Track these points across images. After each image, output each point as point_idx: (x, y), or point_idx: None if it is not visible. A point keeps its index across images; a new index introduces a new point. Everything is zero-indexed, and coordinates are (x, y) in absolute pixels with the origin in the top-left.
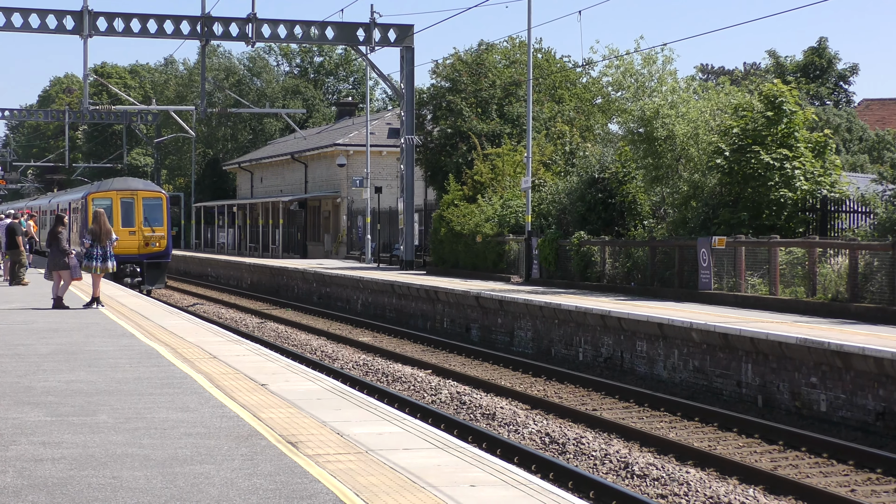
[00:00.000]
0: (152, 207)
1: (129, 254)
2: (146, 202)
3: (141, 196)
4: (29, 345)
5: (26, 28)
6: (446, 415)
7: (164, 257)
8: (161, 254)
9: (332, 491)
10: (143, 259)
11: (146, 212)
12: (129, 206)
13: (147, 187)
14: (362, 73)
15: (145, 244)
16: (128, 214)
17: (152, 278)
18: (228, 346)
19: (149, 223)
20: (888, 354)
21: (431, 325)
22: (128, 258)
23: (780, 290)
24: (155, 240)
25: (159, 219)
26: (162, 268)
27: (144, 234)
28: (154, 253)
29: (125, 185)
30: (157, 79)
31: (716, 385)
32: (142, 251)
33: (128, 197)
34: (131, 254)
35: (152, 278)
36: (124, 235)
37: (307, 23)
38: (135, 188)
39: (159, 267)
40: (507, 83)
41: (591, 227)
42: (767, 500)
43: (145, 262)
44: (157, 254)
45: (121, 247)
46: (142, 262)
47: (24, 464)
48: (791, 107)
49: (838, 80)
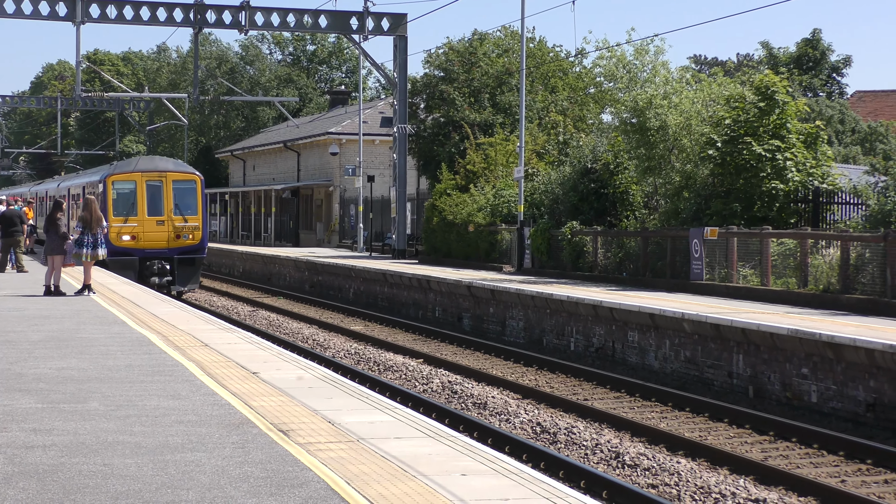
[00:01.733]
0: (184, 192)
1: (157, 248)
2: (177, 185)
3: (171, 178)
4: (20, 332)
5: (19, 14)
6: (438, 404)
7: (199, 252)
8: (195, 248)
9: (323, 479)
10: (173, 255)
11: (177, 197)
12: (157, 191)
13: (178, 168)
14: (355, 61)
15: (176, 236)
16: (155, 200)
17: (184, 278)
18: (220, 335)
19: (180, 211)
20: (879, 346)
21: (423, 314)
22: (154, 253)
23: (771, 281)
24: (187, 231)
25: (192, 205)
26: (196, 265)
27: (175, 224)
28: (187, 247)
29: (152, 165)
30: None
31: (707, 375)
32: (172, 245)
33: (155, 179)
34: (159, 248)
35: (184, 278)
36: (150, 226)
37: (300, 11)
38: (164, 169)
39: (193, 264)
40: (499, 72)
41: (583, 217)
42: (758, 489)
43: (176, 258)
44: (190, 248)
45: (146, 240)
46: (172, 259)
47: (14, 451)
48: (783, 97)
49: (831, 72)
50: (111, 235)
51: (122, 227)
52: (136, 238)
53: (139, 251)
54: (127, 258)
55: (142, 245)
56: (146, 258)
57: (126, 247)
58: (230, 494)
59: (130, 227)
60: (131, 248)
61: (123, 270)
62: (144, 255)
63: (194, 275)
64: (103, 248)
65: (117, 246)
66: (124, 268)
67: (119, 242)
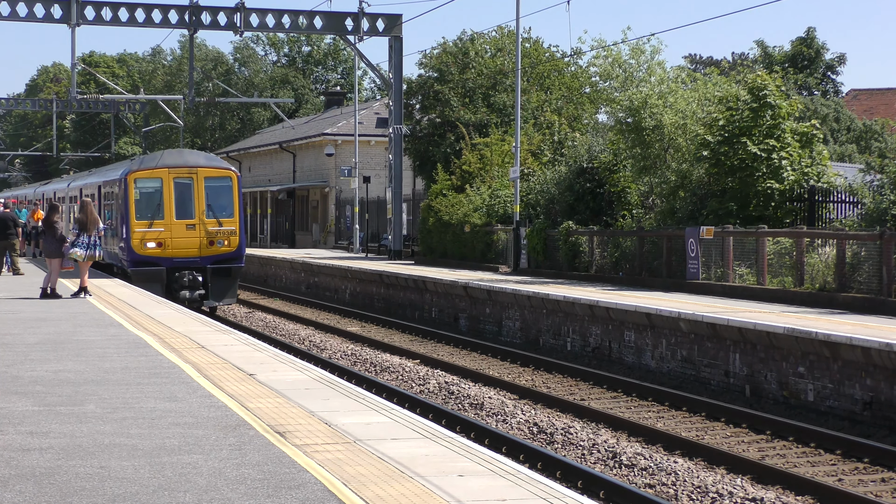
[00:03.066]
0: (218, 190)
1: (187, 256)
2: (210, 183)
3: (202, 175)
4: (16, 334)
5: (14, 17)
6: (434, 405)
7: (236, 260)
8: (231, 256)
9: (321, 481)
10: (205, 264)
11: (210, 196)
12: (186, 190)
13: (211, 162)
14: (351, 62)
15: (209, 242)
16: (184, 201)
17: (219, 291)
18: (216, 336)
19: (214, 213)
20: (876, 344)
21: (420, 314)
22: (184, 263)
23: (767, 280)
24: (222, 236)
25: (228, 206)
26: (233, 276)
27: (208, 228)
28: (222, 255)
29: (180, 159)
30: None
31: (704, 375)
32: (205, 252)
33: (184, 176)
34: (189, 256)
35: (219, 291)
36: (179, 231)
37: (295, 12)
38: (194, 164)
39: (229, 275)
40: (494, 72)
41: (579, 216)
42: (755, 489)
43: (209, 268)
44: (226, 256)
45: (175, 247)
46: (204, 269)
47: (11, 453)
48: (776, 98)
49: (826, 71)
50: (134, 243)
51: (147, 232)
52: (163, 245)
53: (166, 260)
54: (152, 269)
55: (169, 253)
56: (175, 268)
57: (151, 255)
58: (227, 496)
59: (156, 233)
60: (157, 256)
61: (148, 283)
62: (172, 264)
63: (231, 288)
64: (99, 249)
65: (141, 255)
66: (149, 280)
67: (143, 250)
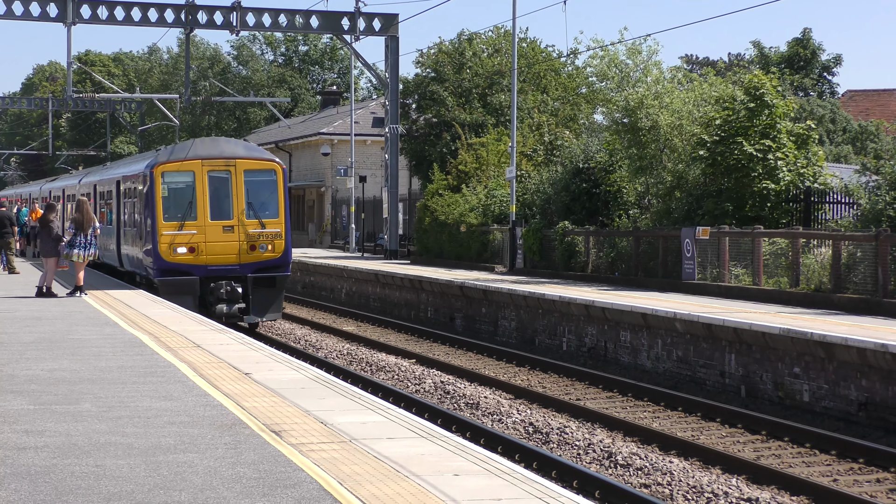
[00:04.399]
0: (260, 186)
1: (224, 264)
2: (251, 177)
3: (242, 168)
4: (11, 333)
5: (9, 15)
6: (430, 404)
7: (281, 268)
8: (276, 263)
9: (316, 479)
10: (245, 273)
11: (251, 193)
12: (223, 185)
13: (251, 153)
14: (347, 62)
15: (250, 247)
16: (220, 198)
17: (262, 304)
18: (212, 335)
19: (255, 212)
20: (871, 345)
21: (415, 314)
22: (221, 271)
23: (763, 280)
24: (265, 239)
25: (272, 204)
26: (278, 287)
27: (248, 230)
28: (265, 262)
29: (216, 149)
30: (141, 67)
31: (699, 375)
32: (245, 259)
33: (220, 169)
34: (227, 264)
35: (262, 304)
36: (215, 234)
37: (292, 11)
38: (232, 155)
39: (273, 285)
40: (490, 73)
41: (575, 216)
42: (750, 489)
43: (250, 277)
44: (270, 263)
45: (210, 252)
46: (244, 279)
47: (6, 452)
48: (772, 98)
49: (822, 71)
50: (161, 248)
51: (176, 235)
52: (196, 251)
53: (199, 268)
54: (183, 279)
55: (203, 260)
56: (210, 278)
57: (181, 263)
58: (223, 495)
59: (187, 236)
60: (188, 264)
61: (178, 295)
62: (207, 273)
63: (275, 300)
64: (95, 249)
65: (169, 262)
66: (179, 292)
67: (172, 257)
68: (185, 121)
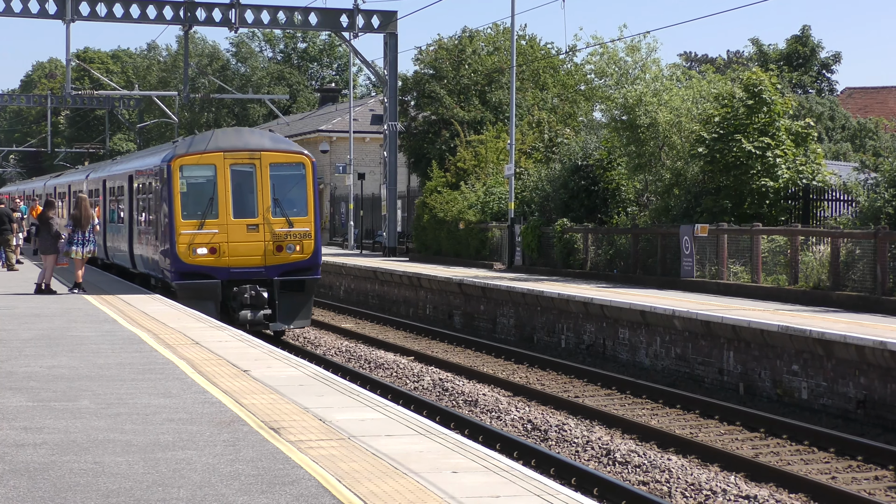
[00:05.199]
0: (288, 180)
1: (248, 266)
2: (277, 172)
3: (268, 160)
4: (10, 330)
5: (8, 12)
6: (429, 401)
7: (311, 271)
8: (305, 265)
9: (315, 477)
10: (272, 276)
11: (278, 189)
12: (247, 180)
13: (278, 145)
14: (346, 59)
15: (276, 248)
16: (244, 194)
17: (289, 310)
18: (210, 332)
19: (282, 209)
20: (869, 342)
21: (414, 311)
22: (245, 274)
23: (762, 278)
24: (293, 239)
25: (301, 201)
26: (307, 291)
27: (275, 229)
28: (293, 264)
29: (239, 140)
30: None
31: (698, 372)
32: (271, 261)
33: (244, 163)
34: (251, 266)
35: (289, 310)
36: (238, 234)
37: (290, 8)
38: (257, 147)
39: (302, 289)
40: (489, 70)
41: (573, 214)
42: (749, 486)
43: (276, 280)
44: (298, 265)
45: (233, 254)
46: (270, 282)
47: (5, 449)
48: (771, 95)
49: (821, 69)
50: (179, 249)
51: (196, 234)
52: (218, 252)
53: (221, 271)
54: (203, 282)
55: (225, 262)
56: (232, 282)
57: (202, 265)
58: (221, 492)
59: (208, 236)
60: (210, 266)
61: (198, 300)
62: (229, 276)
63: (304, 306)
64: (94, 246)
65: (188, 264)
66: (199, 296)
67: (191, 259)
68: (184, 118)
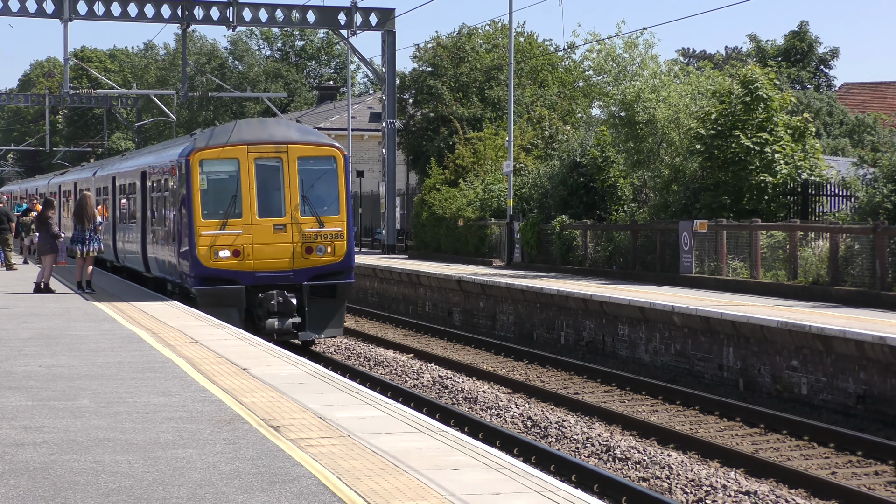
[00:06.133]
0: (318, 176)
1: (275, 269)
2: (306, 166)
3: (296, 154)
4: (9, 329)
5: (6, 12)
6: (429, 399)
7: (343, 275)
8: (336, 268)
9: (315, 475)
10: (301, 280)
11: (306, 184)
12: (273, 175)
13: (306, 137)
14: (344, 56)
15: (305, 250)
16: (269, 191)
17: (320, 318)
18: (210, 331)
19: (311, 207)
20: (869, 338)
21: (413, 309)
22: (271, 278)
23: (761, 273)
24: (324, 240)
25: (332, 198)
26: (339, 297)
27: (304, 229)
28: (323, 267)
29: (263, 132)
30: (138, 63)
31: (697, 368)
32: (299, 264)
33: (270, 156)
34: (278, 269)
35: (320, 318)
36: (264, 234)
37: (288, 6)
38: (283, 139)
39: (334, 295)
40: (488, 67)
41: (572, 210)
42: (749, 482)
43: (306, 285)
44: (329, 268)
45: (258, 257)
46: (299, 287)
47: (5, 448)
48: (768, 91)
49: (819, 64)
50: (199, 251)
51: (218, 236)
52: (241, 254)
53: (246, 275)
54: (226, 288)
55: (250, 265)
56: (258, 287)
57: (224, 269)
58: (221, 490)
59: (231, 237)
60: (233, 270)
61: (220, 307)
62: (255, 281)
63: (335, 313)
64: (99, 244)
65: (210, 268)
66: (222, 303)
67: (213, 262)
68: (182, 116)
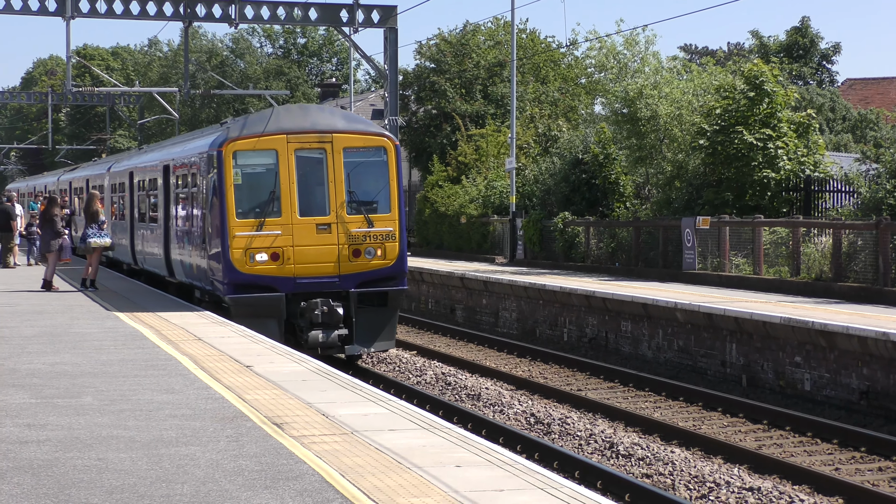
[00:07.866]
0: (367, 169)
1: (318, 275)
2: (353, 158)
3: (341, 144)
4: (13, 327)
5: (8, 10)
6: (432, 395)
7: (395, 280)
8: (387, 273)
9: (318, 472)
10: (347, 287)
11: (353, 179)
12: (316, 168)
13: (353, 125)
14: (346, 54)
15: (353, 252)
16: (312, 186)
17: (369, 329)
18: (213, 328)
19: (360, 205)
20: (872, 333)
21: (416, 306)
22: (314, 285)
23: (764, 269)
24: (374, 242)
25: (382, 194)
26: (391, 304)
27: (351, 230)
28: (373, 272)
29: (305, 120)
30: (141, 60)
31: (700, 365)
32: (346, 269)
33: (313, 147)
34: (322, 275)
35: (369, 329)
36: (305, 235)
37: (290, 3)
38: (327, 128)
39: (385, 303)
40: (491, 64)
41: (575, 207)
42: (752, 478)
43: (353, 293)
44: (380, 273)
45: (299, 260)
46: (345, 295)
47: (8, 446)
48: (772, 87)
49: (821, 60)
50: (234, 255)
51: (254, 237)
52: (281, 258)
53: (286, 282)
54: (263, 296)
55: (290, 270)
56: (299, 295)
57: (261, 274)
58: (225, 488)
59: (269, 238)
60: (271, 276)
61: (257, 318)
62: (296, 288)
63: (387, 323)
64: (108, 237)
65: (245, 273)
66: (259, 313)
67: (248, 267)
68: (185, 114)
